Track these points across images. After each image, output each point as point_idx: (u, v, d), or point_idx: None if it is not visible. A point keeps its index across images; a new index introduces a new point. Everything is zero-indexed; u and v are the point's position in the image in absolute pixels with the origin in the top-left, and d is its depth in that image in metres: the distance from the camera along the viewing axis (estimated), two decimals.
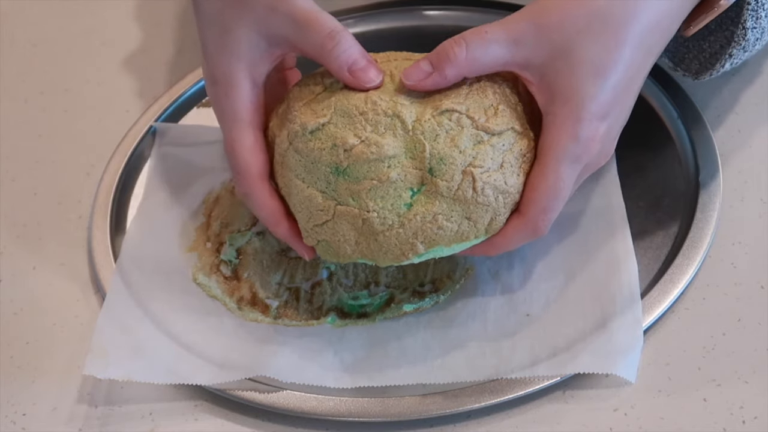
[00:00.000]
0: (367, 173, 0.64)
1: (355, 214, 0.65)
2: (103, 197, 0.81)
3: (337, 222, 0.65)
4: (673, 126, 0.80)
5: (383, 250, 0.65)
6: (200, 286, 0.75)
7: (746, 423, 0.65)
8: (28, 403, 0.70)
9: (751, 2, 0.69)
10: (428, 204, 0.64)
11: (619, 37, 0.65)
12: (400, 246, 0.65)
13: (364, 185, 0.64)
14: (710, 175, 0.76)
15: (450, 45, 0.64)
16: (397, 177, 0.64)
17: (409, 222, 0.64)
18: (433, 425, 0.67)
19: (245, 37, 0.68)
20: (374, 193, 0.64)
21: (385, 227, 0.64)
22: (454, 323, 0.71)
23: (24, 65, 0.96)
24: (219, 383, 0.68)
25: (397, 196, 0.64)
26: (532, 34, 0.64)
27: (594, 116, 0.64)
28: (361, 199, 0.64)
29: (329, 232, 0.66)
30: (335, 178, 0.65)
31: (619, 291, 0.70)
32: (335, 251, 0.66)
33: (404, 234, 0.65)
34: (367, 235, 0.65)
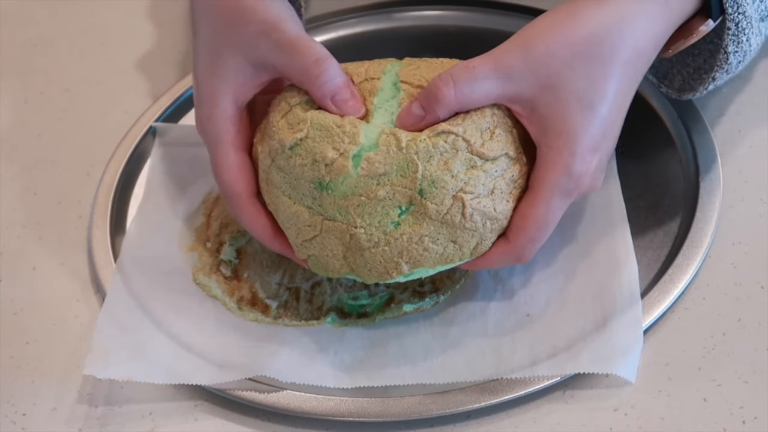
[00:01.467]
0: (355, 189, 0.64)
1: (342, 229, 0.65)
2: (103, 197, 0.81)
3: (325, 237, 0.65)
4: (673, 126, 0.80)
5: (368, 267, 0.65)
6: (200, 286, 0.75)
7: (746, 423, 0.65)
8: (28, 403, 0.70)
9: (731, 27, 0.69)
10: (415, 225, 0.64)
11: (606, 69, 0.65)
12: (384, 264, 0.65)
13: (352, 201, 0.64)
14: (710, 176, 0.76)
15: (438, 86, 0.64)
16: (385, 195, 0.64)
17: (395, 241, 0.64)
18: (433, 425, 0.67)
19: (232, 61, 0.69)
20: (362, 209, 0.64)
21: (371, 244, 0.64)
22: (454, 323, 0.71)
23: (24, 65, 0.96)
24: (219, 383, 0.68)
25: (384, 213, 0.64)
26: (519, 66, 0.64)
27: (586, 150, 0.65)
28: (349, 215, 0.64)
29: (318, 246, 0.66)
30: (319, 193, 0.65)
31: (619, 291, 0.70)
32: (324, 266, 0.67)
33: (389, 252, 0.64)
34: (354, 251, 0.65)
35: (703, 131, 0.79)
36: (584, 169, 0.65)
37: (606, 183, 0.76)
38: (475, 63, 0.65)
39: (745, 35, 0.70)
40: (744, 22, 0.69)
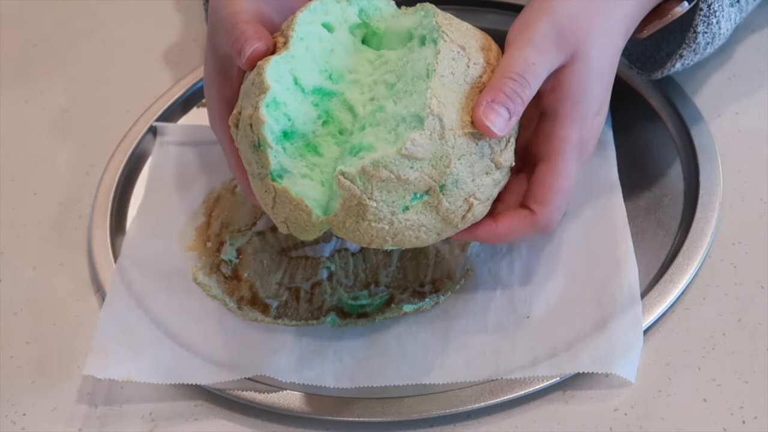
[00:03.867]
0: (386, 162, 0.61)
1: (355, 193, 0.62)
2: (103, 197, 0.81)
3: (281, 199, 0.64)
4: (673, 126, 0.80)
5: (356, 233, 0.63)
6: (200, 286, 0.75)
7: (746, 423, 0.65)
8: (28, 403, 0.70)
9: (703, 8, 0.72)
10: (421, 214, 0.63)
11: (612, 40, 0.68)
12: (373, 237, 0.63)
13: (380, 174, 0.61)
14: (710, 175, 0.76)
15: (520, 88, 0.64)
16: (413, 180, 0.62)
17: (397, 223, 0.63)
18: (433, 425, 0.67)
19: (211, 62, 0.72)
20: (385, 185, 0.62)
21: (375, 218, 0.63)
22: (454, 324, 0.71)
23: (24, 65, 0.96)
24: (219, 383, 0.68)
25: (401, 196, 0.63)
26: (552, 41, 0.66)
27: (594, 114, 0.67)
28: (369, 184, 0.62)
29: (284, 207, 0.64)
30: (257, 155, 0.64)
31: (619, 291, 0.70)
32: (301, 226, 0.64)
33: (386, 231, 0.63)
34: (351, 215, 0.62)
35: (703, 131, 0.79)
36: (593, 135, 0.68)
37: (606, 183, 0.76)
38: (532, 58, 0.65)
39: (716, 17, 0.73)
40: (716, 4, 0.72)
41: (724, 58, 0.85)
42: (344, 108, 0.66)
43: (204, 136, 0.84)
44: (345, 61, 0.67)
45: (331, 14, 0.69)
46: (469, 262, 0.74)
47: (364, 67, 0.68)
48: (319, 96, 0.66)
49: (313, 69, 0.66)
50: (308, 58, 0.66)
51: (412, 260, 0.74)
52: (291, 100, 0.65)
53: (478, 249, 0.75)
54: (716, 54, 0.84)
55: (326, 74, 0.67)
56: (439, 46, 0.64)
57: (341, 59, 0.67)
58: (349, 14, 0.69)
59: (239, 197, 0.80)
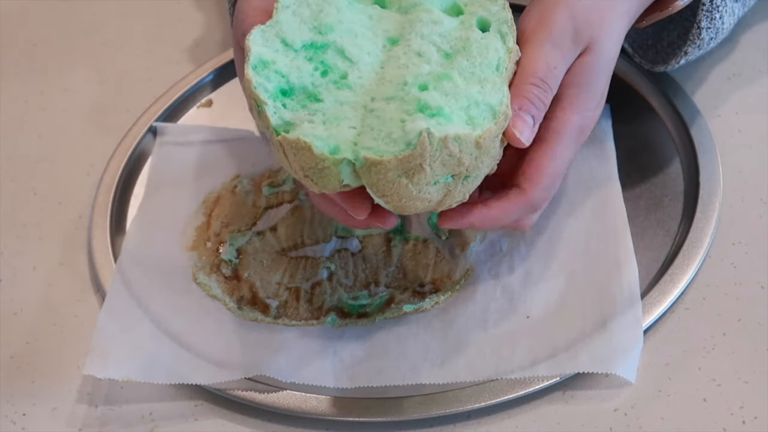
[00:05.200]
0: (461, 142, 0.61)
1: (424, 155, 0.60)
2: (103, 197, 0.81)
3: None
4: (673, 126, 0.80)
5: (381, 185, 0.61)
6: (200, 286, 0.75)
7: (746, 423, 0.65)
8: (28, 403, 0.70)
9: (705, 3, 0.72)
10: (436, 192, 0.63)
11: (618, 32, 0.69)
12: (397, 195, 0.62)
13: (452, 149, 0.61)
14: (710, 175, 0.76)
15: (543, 94, 0.65)
16: (464, 165, 0.62)
17: (422, 193, 0.62)
18: (433, 425, 0.67)
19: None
20: (446, 160, 0.61)
21: (416, 183, 0.61)
22: (454, 324, 0.71)
23: (24, 65, 0.96)
24: (219, 383, 0.68)
25: (443, 174, 0.62)
26: (570, 37, 0.67)
27: (596, 104, 0.69)
28: (439, 154, 0.61)
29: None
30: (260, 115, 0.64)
31: (619, 291, 0.70)
32: (315, 169, 0.62)
33: (412, 195, 0.62)
34: (401, 170, 0.61)
35: (703, 131, 0.79)
36: (592, 123, 0.69)
37: (606, 184, 0.76)
38: (552, 62, 0.66)
39: (719, 12, 0.73)
40: (718, 0, 0.73)
41: (724, 57, 0.85)
42: (339, 55, 0.66)
43: (204, 136, 0.84)
44: (334, 16, 0.68)
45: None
46: (469, 262, 0.74)
47: (361, 19, 0.68)
48: (312, 50, 0.66)
49: (301, 29, 0.67)
50: (294, 20, 0.67)
51: (412, 260, 0.75)
52: (281, 59, 0.65)
53: (478, 249, 0.75)
54: (716, 53, 0.84)
55: (315, 30, 0.67)
56: (510, 46, 0.66)
57: (330, 15, 0.68)
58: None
59: (239, 197, 0.80)
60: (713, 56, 0.84)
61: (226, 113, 0.87)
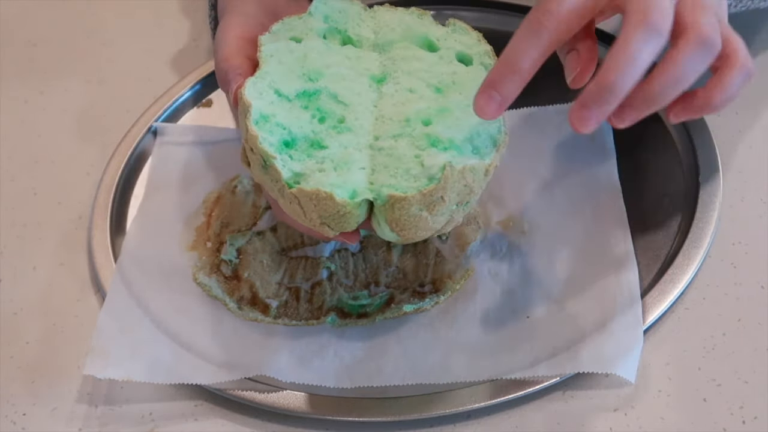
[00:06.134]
0: (475, 173, 0.63)
1: (446, 187, 0.62)
2: (103, 197, 0.81)
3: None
4: (673, 126, 0.80)
5: (401, 220, 0.62)
6: (200, 286, 0.75)
7: (746, 423, 0.65)
8: (28, 403, 0.70)
9: None
10: (443, 220, 0.64)
11: None
12: (414, 228, 0.63)
13: (467, 179, 0.63)
14: (710, 175, 0.76)
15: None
16: (474, 193, 0.64)
17: (432, 223, 0.63)
18: (433, 425, 0.67)
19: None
20: (461, 189, 0.63)
21: (434, 214, 0.63)
22: (454, 324, 0.71)
23: (24, 65, 0.96)
24: (219, 383, 0.68)
25: (455, 202, 0.63)
26: None
27: None
28: (457, 184, 0.62)
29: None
30: (266, 172, 0.65)
31: (619, 291, 0.70)
32: (335, 215, 0.64)
33: (428, 225, 0.63)
34: (423, 204, 0.62)
35: (703, 131, 0.79)
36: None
37: (606, 184, 0.76)
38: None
39: None
40: None
41: None
42: (333, 100, 0.67)
43: (204, 137, 0.84)
44: (319, 60, 0.69)
45: (296, 29, 0.71)
46: (469, 262, 0.74)
47: (342, 61, 0.70)
48: (305, 98, 0.68)
49: (290, 77, 0.68)
50: (282, 69, 0.68)
51: (412, 260, 0.75)
52: (279, 110, 0.66)
53: (478, 249, 0.75)
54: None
55: (305, 77, 0.68)
56: None
57: (315, 60, 0.69)
58: (313, 23, 0.71)
59: (239, 197, 0.80)
60: None
61: (226, 113, 0.87)
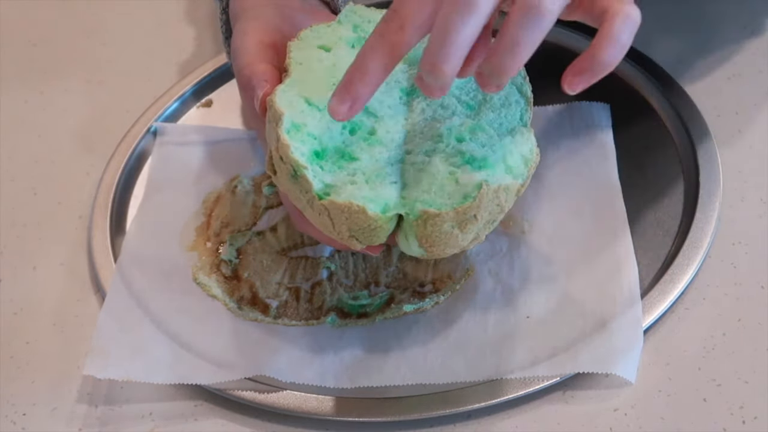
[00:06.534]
0: (507, 192, 0.63)
1: (480, 206, 0.61)
2: (103, 197, 0.81)
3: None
4: (673, 126, 0.80)
5: (432, 236, 0.62)
6: (200, 286, 0.75)
7: (746, 423, 0.65)
8: (28, 403, 0.70)
9: None
10: (469, 237, 0.63)
11: None
12: (443, 244, 0.63)
13: (500, 199, 0.62)
14: (710, 175, 0.76)
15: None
16: (504, 212, 0.64)
17: (461, 240, 0.63)
18: (433, 425, 0.67)
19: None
20: (493, 209, 0.63)
21: (465, 232, 0.63)
22: (454, 324, 0.71)
23: (24, 65, 0.96)
24: (219, 383, 0.68)
25: (486, 221, 0.63)
26: None
27: None
28: (490, 204, 0.62)
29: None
30: (296, 182, 0.64)
31: (619, 291, 0.70)
32: (365, 229, 0.63)
33: (457, 243, 0.63)
34: (456, 221, 0.62)
35: (703, 131, 0.79)
36: None
37: (606, 183, 0.76)
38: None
39: None
40: None
41: (724, 57, 0.85)
42: (363, 112, 0.66)
43: (204, 137, 0.84)
44: None
45: (324, 37, 0.70)
46: (469, 262, 0.74)
47: None
48: None
49: (321, 86, 0.66)
50: (312, 78, 0.67)
51: (412, 260, 0.74)
52: (310, 120, 0.65)
53: (478, 249, 0.75)
54: (716, 53, 0.84)
55: (335, 88, 0.66)
56: (528, 95, 0.68)
57: (345, 70, 0.67)
58: (342, 32, 0.70)
59: (239, 197, 0.80)
60: (713, 56, 0.84)
61: (226, 113, 0.87)
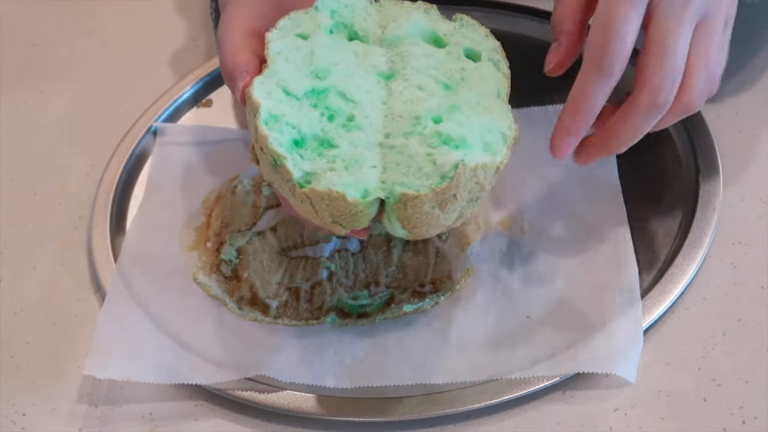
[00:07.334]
0: (486, 170, 0.63)
1: (458, 185, 0.62)
2: (103, 197, 0.81)
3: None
4: (673, 126, 0.80)
5: (413, 218, 0.62)
6: (200, 286, 0.75)
7: (746, 423, 0.65)
8: (28, 403, 0.70)
9: None
10: (452, 217, 0.64)
11: None
12: (426, 225, 0.63)
13: (479, 177, 0.62)
14: (710, 175, 0.76)
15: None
16: (485, 190, 0.64)
17: (443, 219, 0.63)
18: (433, 425, 0.67)
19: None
20: (473, 187, 0.63)
21: (445, 212, 0.63)
22: (454, 324, 0.71)
23: (24, 65, 0.96)
24: (219, 383, 0.68)
25: (465, 200, 0.63)
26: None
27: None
28: (469, 183, 0.62)
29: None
30: (277, 171, 0.64)
31: (619, 291, 0.70)
32: (346, 214, 0.63)
33: (439, 223, 0.63)
34: (435, 202, 0.62)
35: (703, 131, 0.79)
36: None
37: (606, 184, 0.76)
38: None
39: None
40: None
41: None
42: (341, 98, 0.67)
43: (204, 136, 0.84)
44: (327, 58, 0.68)
45: (303, 25, 0.70)
46: (469, 262, 0.74)
47: (349, 58, 0.69)
48: (314, 97, 0.67)
49: (298, 75, 0.67)
50: (290, 67, 0.67)
51: (412, 260, 0.75)
52: (288, 110, 0.65)
53: (478, 249, 0.75)
54: None
55: (313, 75, 0.67)
56: (505, 71, 0.68)
57: (323, 57, 0.68)
58: (320, 19, 0.70)
59: (239, 197, 0.80)
60: None
61: (226, 113, 0.87)
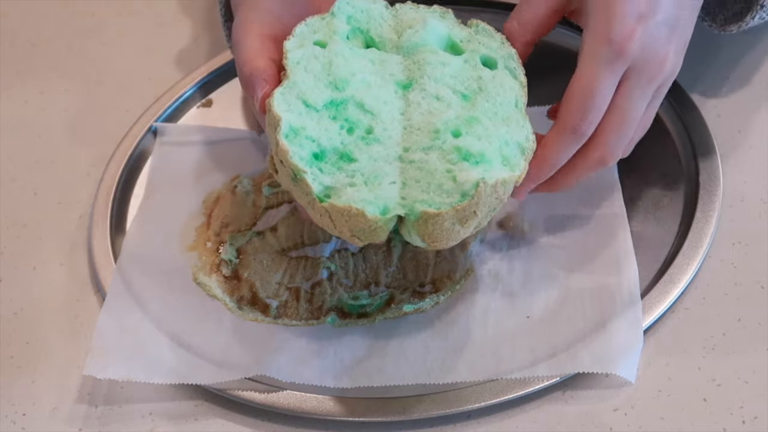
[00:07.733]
0: (505, 185, 0.63)
1: (479, 202, 0.62)
2: (103, 197, 0.81)
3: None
4: (673, 126, 0.80)
5: (434, 234, 0.63)
6: (200, 286, 0.75)
7: (746, 423, 0.65)
8: (28, 403, 0.70)
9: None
10: (470, 230, 0.64)
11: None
12: (445, 239, 0.63)
13: (499, 192, 0.63)
14: (710, 175, 0.76)
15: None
16: (504, 202, 0.64)
17: (463, 233, 0.64)
18: (433, 425, 0.67)
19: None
20: (493, 202, 0.63)
21: (467, 227, 0.63)
22: (454, 324, 0.71)
23: (24, 65, 0.96)
24: (219, 383, 0.68)
25: (485, 214, 0.63)
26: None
27: (626, 15, 0.65)
28: (490, 198, 0.63)
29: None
30: (296, 184, 0.64)
31: (619, 291, 0.70)
32: (365, 230, 0.64)
33: (459, 237, 0.64)
34: (456, 219, 0.63)
35: (703, 131, 0.79)
36: (626, 34, 0.65)
37: (606, 184, 0.76)
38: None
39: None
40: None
41: (724, 58, 0.85)
42: (360, 110, 0.66)
43: (204, 136, 0.84)
44: (345, 67, 0.68)
45: (319, 31, 0.69)
46: (469, 262, 0.74)
47: (367, 66, 0.68)
48: (333, 108, 0.66)
49: (318, 86, 0.67)
50: (309, 78, 0.67)
51: (412, 260, 0.75)
52: (308, 122, 0.65)
53: (478, 249, 0.75)
54: (716, 53, 0.84)
55: (332, 86, 0.67)
56: (522, 80, 0.68)
57: (341, 67, 0.68)
58: (336, 25, 0.70)
59: (239, 197, 0.80)
60: (713, 56, 0.84)
61: (226, 113, 0.87)
